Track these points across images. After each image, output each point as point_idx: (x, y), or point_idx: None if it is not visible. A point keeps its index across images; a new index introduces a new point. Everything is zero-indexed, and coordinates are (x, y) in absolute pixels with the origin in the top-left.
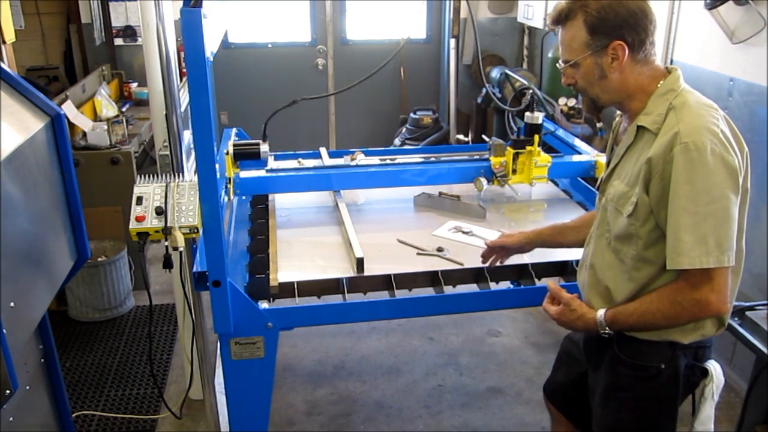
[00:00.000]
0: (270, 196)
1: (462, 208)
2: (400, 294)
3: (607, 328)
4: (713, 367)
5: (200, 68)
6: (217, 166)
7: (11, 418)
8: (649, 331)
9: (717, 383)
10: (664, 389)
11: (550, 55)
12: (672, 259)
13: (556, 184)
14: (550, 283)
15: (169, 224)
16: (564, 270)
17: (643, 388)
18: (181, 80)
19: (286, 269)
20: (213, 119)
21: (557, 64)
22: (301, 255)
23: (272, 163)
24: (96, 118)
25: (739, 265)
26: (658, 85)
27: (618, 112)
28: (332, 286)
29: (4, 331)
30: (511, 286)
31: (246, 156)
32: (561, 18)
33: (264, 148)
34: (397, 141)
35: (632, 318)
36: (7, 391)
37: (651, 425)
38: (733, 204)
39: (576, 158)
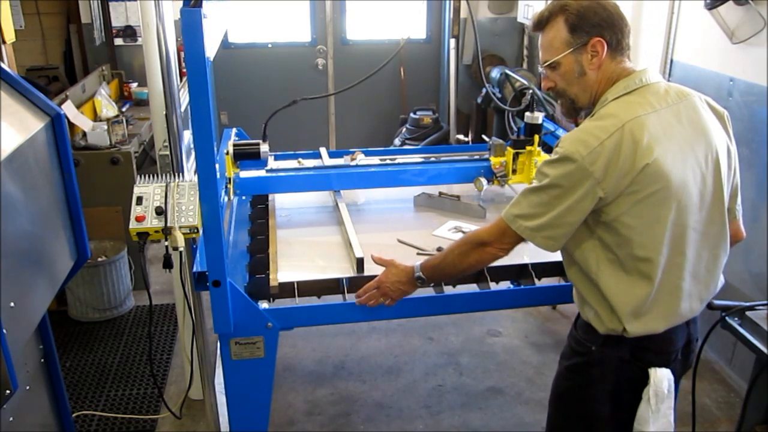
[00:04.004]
0: (270, 196)
1: (462, 208)
2: None
3: (420, 272)
4: (654, 372)
5: (200, 68)
6: (217, 166)
7: (11, 418)
8: (452, 272)
9: (655, 389)
10: (591, 370)
11: None
12: None
13: None
14: (372, 257)
15: (169, 224)
16: (564, 270)
17: (575, 362)
18: (181, 80)
19: (286, 269)
20: (213, 119)
21: (539, 70)
22: (301, 255)
23: (272, 163)
24: (96, 118)
25: (667, 278)
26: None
27: None
28: (332, 286)
29: (4, 331)
30: (511, 286)
31: (246, 156)
32: (542, 21)
33: (264, 148)
34: (397, 141)
35: (436, 260)
36: (7, 391)
37: (576, 399)
38: (569, 207)
39: None
